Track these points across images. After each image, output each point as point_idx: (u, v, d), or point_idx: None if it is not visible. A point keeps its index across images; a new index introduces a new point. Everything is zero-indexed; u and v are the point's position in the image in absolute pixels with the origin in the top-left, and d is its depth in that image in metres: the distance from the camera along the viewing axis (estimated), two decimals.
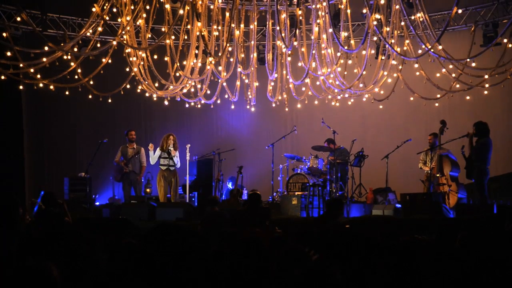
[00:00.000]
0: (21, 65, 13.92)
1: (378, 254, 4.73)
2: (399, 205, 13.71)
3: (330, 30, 14.22)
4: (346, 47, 14.18)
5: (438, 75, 15.14)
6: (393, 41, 13.92)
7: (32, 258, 4.41)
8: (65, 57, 14.05)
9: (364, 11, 13.81)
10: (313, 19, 14.74)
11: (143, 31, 14.42)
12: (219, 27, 15.39)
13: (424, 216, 12.11)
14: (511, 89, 15.29)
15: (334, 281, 3.62)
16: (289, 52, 14.68)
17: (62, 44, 13.82)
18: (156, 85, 15.39)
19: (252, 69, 16.07)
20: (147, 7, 14.27)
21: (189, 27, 15.00)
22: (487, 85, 14.80)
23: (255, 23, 15.98)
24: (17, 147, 18.38)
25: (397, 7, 13.65)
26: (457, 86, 14.98)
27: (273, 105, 17.28)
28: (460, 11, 14.50)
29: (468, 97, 15.52)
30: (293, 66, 15.64)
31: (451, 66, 14.58)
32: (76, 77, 14.58)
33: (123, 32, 13.61)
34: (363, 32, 14.19)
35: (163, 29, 14.95)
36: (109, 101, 15.94)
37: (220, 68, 15.47)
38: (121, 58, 15.03)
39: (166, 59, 15.00)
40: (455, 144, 13.83)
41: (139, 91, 16.10)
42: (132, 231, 10.77)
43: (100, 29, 14.10)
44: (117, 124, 18.21)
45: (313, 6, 14.71)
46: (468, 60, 13.86)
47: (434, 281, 5.09)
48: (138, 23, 14.24)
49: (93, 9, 12.99)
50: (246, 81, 16.51)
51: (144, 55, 14.78)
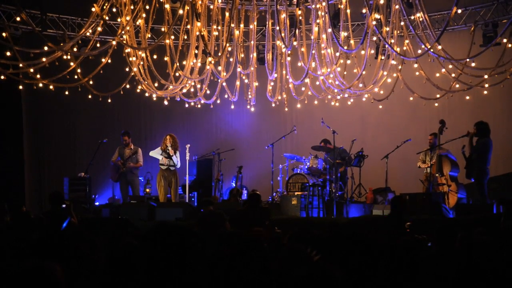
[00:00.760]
0: (20, 65, 13.93)
1: (378, 254, 4.73)
2: None
3: (330, 30, 14.23)
4: (345, 47, 14.20)
5: (437, 75, 15.16)
6: (392, 41, 13.93)
7: (35, 258, 4.42)
8: (64, 57, 14.05)
9: (364, 11, 13.81)
10: (313, 19, 14.76)
11: (142, 31, 14.43)
12: (219, 27, 15.40)
13: (423, 216, 12.11)
14: (511, 89, 15.30)
15: (334, 281, 3.63)
16: (289, 52, 14.70)
17: (61, 44, 13.83)
18: (156, 85, 15.40)
19: (251, 69, 16.09)
20: (147, 7, 14.28)
21: (188, 27, 15.01)
22: (486, 85, 14.82)
23: (255, 23, 15.99)
24: (17, 147, 18.39)
25: (397, 7, 13.66)
26: (457, 86, 15.00)
27: (273, 105, 17.30)
28: (459, 11, 14.53)
29: (467, 97, 15.54)
30: (293, 66, 15.65)
31: (450, 66, 14.60)
32: (76, 77, 14.59)
33: (123, 32, 13.63)
34: (362, 32, 14.19)
35: (162, 29, 14.96)
36: (109, 101, 15.95)
37: (219, 68, 15.48)
38: (120, 58, 15.04)
39: (165, 59, 15.01)
40: (455, 144, 13.85)
41: (138, 91, 16.11)
42: (132, 231, 10.77)
43: (99, 29, 14.11)
44: (116, 124, 18.22)
45: (313, 6, 14.73)
46: (468, 60, 13.88)
47: (433, 280, 5.11)
48: (137, 23, 14.25)
49: (93, 9, 12.99)
50: (246, 81, 16.53)
51: (143, 55, 14.79)
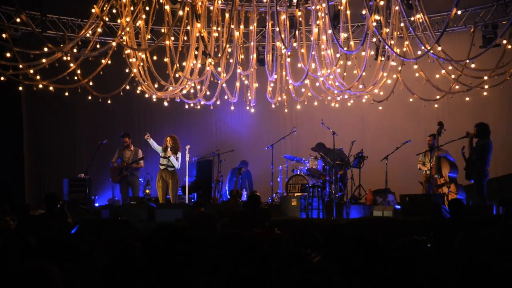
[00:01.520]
0: (20, 66, 13.94)
1: (378, 255, 4.73)
2: (398, 206, 13.72)
3: (330, 31, 14.25)
4: (345, 48, 14.21)
5: (437, 76, 15.18)
6: (392, 42, 13.95)
7: (33, 259, 4.42)
8: (64, 58, 14.08)
9: (364, 12, 13.81)
10: (313, 20, 14.78)
11: (142, 32, 14.44)
12: (219, 28, 15.42)
13: (423, 218, 12.12)
14: (511, 90, 15.31)
15: (331, 280, 3.63)
16: (289, 53, 14.71)
17: (61, 45, 13.85)
18: (156, 86, 15.41)
19: (251, 70, 16.11)
20: (147, 8, 14.30)
21: (188, 28, 15.03)
22: (486, 86, 14.84)
23: (255, 24, 16.00)
24: (17, 148, 18.44)
25: (397, 8, 13.69)
26: (457, 87, 15.01)
27: (273, 106, 17.32)
28: (459, 12, 14.55)
29: (467, 98, 15.55)
30: (293, 67, 15.66)
31: (450, 67, 14.62)
32: (76, 78, 14.61)
33: (123, 33, 13.65)
34: (362, 33, 14.21)
35: (162, 30, 14.97)
36: (109, 102, 15.96)
37: (219, 69, 15.50)
38: (120, 59, 15.06)
39: (165, 60, 15.02)
40: (454, 145, 13.86)
41: (138, 92, 16.13)
42: (132, 232, 10.78)
43: (99, 30, 14.11)
44: (116, 125, 18.25)
45: (313, 7, 14.75)
46: (468, 61, 13.89)
47: (433, 281, 5.11)
48: (137, 24, 14.26)
49: (93, 10, 13.00)
50: (246, 82, 16.54)
51: (143, 56, 14.80)
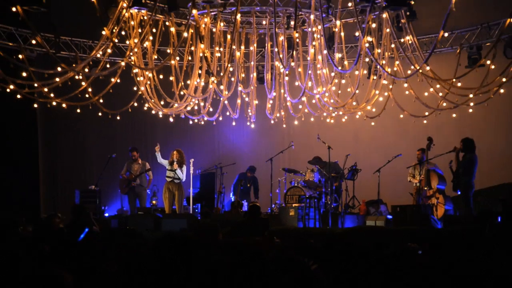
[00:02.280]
0: (35, 85, 13.96)
1: (371, 263, 4.73)
2: (390, 216, 13.71)
3: (325, 52, 14.30)
4: (340, 68, 14.23)
5: (426, 94, 15.18)
6: (384, 62, 13.99)
7: (46, 266, 4.42)
8: (76, 77, 14.10)
9: (357, 34, 13.86)
10: (309, 41, 14.82)
11: (149, 52, 14.48)
12: (221, 49, 15.45)
13: (413, 227, 12.11)
14: (494, 108, 15.31)
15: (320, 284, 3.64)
16: (287, 72, 14.77)
17: (74, 65, 13.86)
18: (162, 103, 15.42)
19: (252, 88, 16.15)
20: (154, 30, 14.35)
21: (192, 48, 15.07)
22: (471, 104, 14.84)
23: (255, 45, 16.08)
24: (33, 161, 18.47)
25: (388, 30, 13.73)
26: (444, 104, 15.01)
27: (272, 121, 17.32)
28: (446, 34, 14.58)
29: (454, 115, 15.55)
30: (291, 85, 15.70)
31: (438, 86, 14.62)
32: (87, 95, 14.60)
33: (131, 54, 13.67)
34: (355, 53, 14.25)
35: (168, 51, 15.00)
36: (118, 118, 15.96)
37: (221, 87, 15.52)
38: (129, 78, 15.08)
39: (171, 78, 15.04)
40: (442, 158, 13.86)
41: (145, 108, 16.13)
42: (139, 240, 10.75)
43: (109, 50, 14.13)
44: (125, 140, 18.24)
45: (309, 29, 14.80)
46: (454, 80, 13.91)
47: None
48: (145, 45, 14.29)
49: (103, 32, 13.02)
50: (246, 99, 16.56)
51: (150, 75, 14.82)
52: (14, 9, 11.18)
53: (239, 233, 10.42)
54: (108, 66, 14.56)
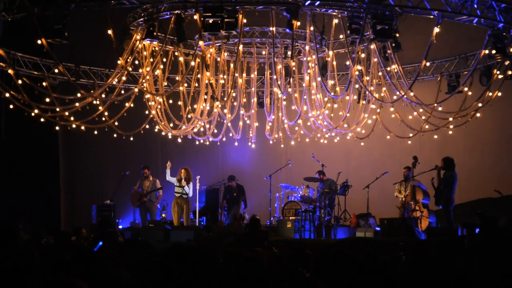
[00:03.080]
0: (57, 109, 14.01)
1: (361, 271, 4.72)
2: (378, 228, 13.65)
3: (319, 79, 14.34)
4: (332, 93, 14.28)
5: (410, 117, 15.21)
6: (372, 88, 14.04)
7: (63, 274, 4.41)
8: (94, 102, 14.14)
9: (348, 63, 13.93)
10: (305, 69, 14.91)
11: (160, 79, 14.52)
12: (225, 76, 15.51)
13: (399, 238, 12.06)
14: (471, 130, 15.31)
15: None
16: (284, 97, 14.82)
17: (92, 91, 13.93)
18: (171, 125, 15.44)
19: (252, 112, 16.19)
20: (164, 59, 14.40)
21: (199, 76, 15.11)
22: (451, 126, 14.89)
23: (255, 72, 16.16)
24: (54, 178, 18.50)
25: (375, 60, 13.79)
26: (426, 126, 15.03)
27: (271, 142, 17.32)
28: (428, 64, 14.63)
29: (435, 136, 15.56)
30: (288, 109, 15.73)
31: (421, 110, 14.66)
32: (103, 119, 14.63)
33: (144, 81, 13.72)
34: (346, 80, 14.31)
35: (177, 78, 15.05)
36: (131, 139, 15.98)
37: (225, 110, 15.55)
38: (141, 103, 15.11)
39: (179, 103, 15.08)
40: (425, 175, 13.84)
41: (156, 130, 16.14)
42: (150, 250, 10.72)
43: (124, 78, 14.21)
44: (137, 159, 18.21)
45: (305, 59, 14.88)
46: (435, 105, 13.99)
47: None
48: (156, 73, 14.33)
49: (118, 62, 13.10)
50: (248, 121, 16.58)
51: (161, 100, 14.86)
52: (39, 41, 11.29)
53: (241, 243, 10.40)
54: (122, 92, 14.61)
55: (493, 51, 12.55)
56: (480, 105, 14.08)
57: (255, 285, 4.46)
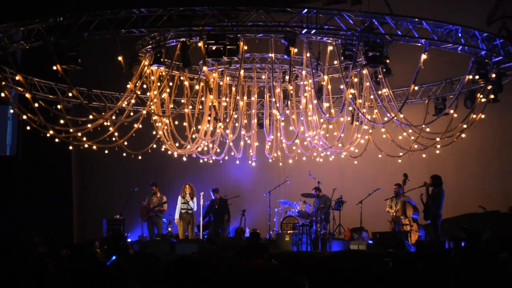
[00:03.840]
0: (71, 130, 14.02)
1: (355, 281, 4.73)
2: (371, 241, 13.62)
3: (315, 102, 14.38)
4: (327, 115, 14.31)
5: (400, 137, 15.22)
6: (364, 110, 14.09)
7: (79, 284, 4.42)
8: (105, 123, 14.17)
9: (342, 86, 13.99)
10: (301, 93, 14.95)
11: (166, 102, 14.56)
12: (227, 99, 15.55)
13: (390, 251, 12.01)
14: (457, 150, 15.34)
15: None
16: (282, 119, 14.85)
17: (103, 113, 13.97)
18: (177, 145, 15.45)
19: (253, 132, 16.20)
20: (170, 83, 14.46)
21: (203, 99, 15.16)
22: (438, 146, 14.90)
23: (256, 95, 16.21)
24: (67, 194, 18.53)
25: (367, 84, 13.86)
26: (415, 146, 15.04)
27: (270, 160, 17.31)
28: (416, 88, 14.70)
29: (424, 155, 15.56)
30: (286, 129, 15.75)
31: (410, 131, 14.68)
32: (114, 139, 14.65)
33: (151, 103, 13.77)
34: (341, 103, 14.38)
35: (182, 101, 15.10)
36: (139, 158, 15.98)
37: (227, 131, 15.57)
38: (149, 124, 15.14)
39: (184, 124, 15.12)
40: (414, 192, 13.85)
41: (163, 149, 16.14)
42: (157, 262, 10.69)
43: (133, 101, 14.24)
44: (145, 176, 18.18)
45: (301, 83, 14.94)
46: (424, 126, 14.02)
47: None
48: (163, 96, 14.38)
49: (128, 86, 13.17)
50: (248, 141, 16.59)
51: (167, 121, 14.89)
52: (54, 67, 11.38)
53: (242, 256, 10.39)
54: (131, 114, 14.63)
55: (477, 77, 12.64)
56: (465, 126, 14.11)
57: None
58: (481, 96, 13.52)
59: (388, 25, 11.54)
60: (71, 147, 15.88)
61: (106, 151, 15.56)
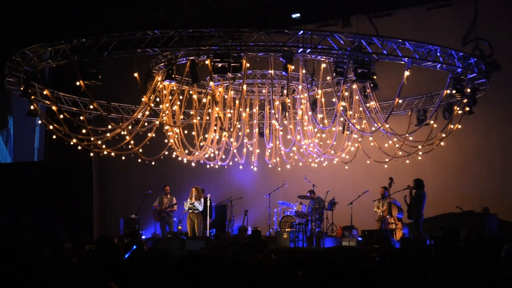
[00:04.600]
0: (92, 139, 14.06)
1: (346, 274, 4.72)
2: (360, 238, 13.61)
3: (310, 113, 14.40)
4: (321, 125, 14.32)
5: (386, 145, 15.22)
6: (354, 121, 14.10)
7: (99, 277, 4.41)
8: (122, 133, 14.19)
9: (334, 100, 14.02)
10: (298, 105, 14.98)
11: (177, 113, 14.56)
12: (231, 111, 15.57)
13: (377, 246, 12.02)
14: (437, 156, 15.30)
15: None
16: (281, 128, 14.87)
17: (120, 124, 13.99)
18: (186, 152, 15.47)
19: (254, 140, 16.21)
20: (180, 97, 14.48)
21: (210, 110, 15.18)
22: (420, 153, 14.90)
23: (257, 108, 16.23)
24: (88, 197, 18.54)
25: (357, 97, 13.88)
26: (400, 153, 15.04)
27: (269, 166, 17.29)
28: (400, 101, 14.73)
29: (407, 161, 15.54)
30: (284, 138, 15.75)
31: (395, 139, 14.70)
32: (130, 146, 14.66)
33: (163, 115, 13.79)
34: (333, 114, 14.37)
35: (191, 112, 15.12)
36: (153, 163, 15.98)
37: (231, 139, 15.60)
38: (161, 133, 15.15)
39: (193, 133, 15.13)
40: (399, 194, 13.84)
41: (174, 156, 16.16)
42: (168, 257, 10.68)
43: (147, 113, 14.26)
44: (158, 180, 18.18)
45: (298, 96, 14.97)
46: (407, 135, 14.03)
47: None
48: (174, 108, 14.41)
49: (143, 99, 13.21)
50: (250, 148, 16.60)
51: (177, 130, 14.91)
52: (78, 83, 11.43)
53: (245, 251, 10.38)
54: (146, 124, 14.66)
55: (454, 91, 12.67)
56: (443, 135, 14.13)
57: (257, 287, 4.46)
58: (458, 108, 13.54)
59: (375, 45, 11.58)
60: (92, 154, 15.88)
61: (123, 158, 15.58)
